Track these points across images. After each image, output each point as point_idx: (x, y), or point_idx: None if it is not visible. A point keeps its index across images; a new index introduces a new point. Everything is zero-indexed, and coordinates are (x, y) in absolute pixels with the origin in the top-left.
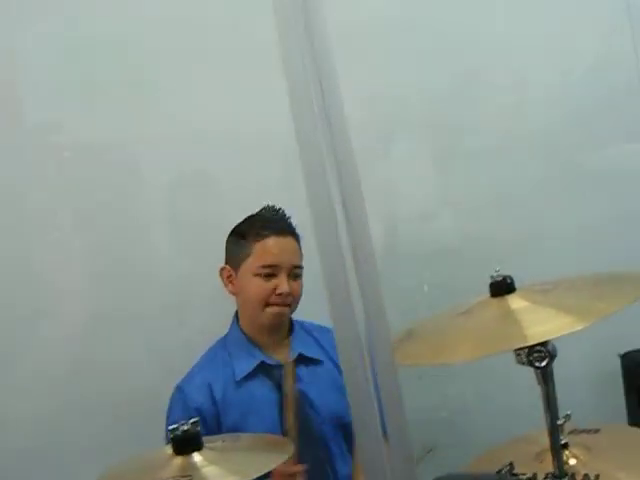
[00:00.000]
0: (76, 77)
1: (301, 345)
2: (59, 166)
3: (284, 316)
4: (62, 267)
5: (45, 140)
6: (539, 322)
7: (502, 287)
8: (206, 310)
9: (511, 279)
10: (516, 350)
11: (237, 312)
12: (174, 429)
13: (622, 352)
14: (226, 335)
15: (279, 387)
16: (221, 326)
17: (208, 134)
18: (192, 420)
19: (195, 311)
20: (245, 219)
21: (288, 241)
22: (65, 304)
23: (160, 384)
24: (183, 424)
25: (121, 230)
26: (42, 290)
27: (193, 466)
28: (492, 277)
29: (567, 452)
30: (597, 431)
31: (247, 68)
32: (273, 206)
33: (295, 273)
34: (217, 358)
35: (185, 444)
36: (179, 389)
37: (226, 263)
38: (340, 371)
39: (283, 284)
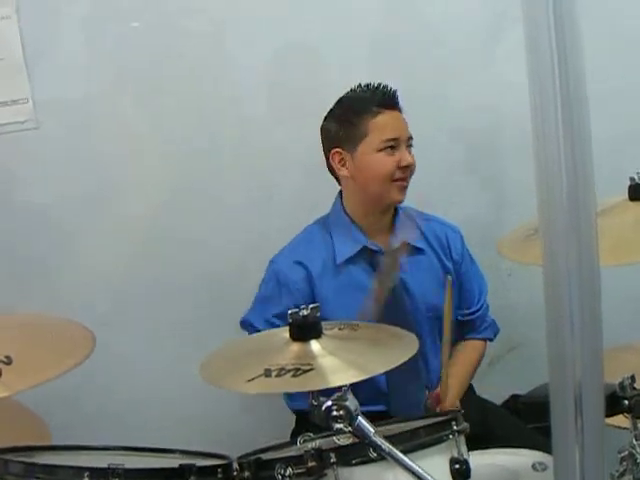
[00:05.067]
0: None
1: (405, 232)
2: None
3: (405, 191)
4: (143, 143)
5: None
6: None
7: None
8: (298, 186)
9: None
10: None
11: (341, 194)
12: (293, 313)
13: None
14: (327, 216)
15: None
16: (313, 203)
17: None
18: (312, 305)
19: (286, 186)
20: (343, 100)
21: (399, 115)
22: (146, 182)
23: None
24: (303, 309)
25: (212, 101)
26: (124, 166)
27: (311, 354)
28: (632, 179)
29: None
30: None
31: None
32: (369, 84)
33: (410, 144)
34: (315, 237)
35: (304, 330)
36: (272, 264)
37: (333, 147)
38: (442, 263)
39: (406, 156)
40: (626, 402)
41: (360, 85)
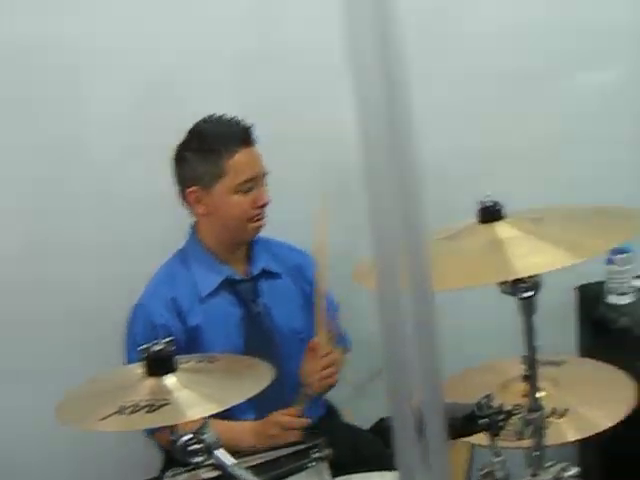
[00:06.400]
0: None
1: (263, 260)
2: None
3: (262, 227)
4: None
5: None
6: (528, 254)
7: (491, 213)
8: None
9: (500, 205)
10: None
11: (194, 226)
12: (146, 348)
13: (577, 285)
14: (182, 250)
15: (243, 302)
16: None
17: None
18: (166, 339)
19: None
20: (199, 135)
21: (255, 151)
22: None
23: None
24: (156, 343)
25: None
26: None
27: (166, 389)
28: (481, 202)
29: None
30: (562, 363)
31: None
32: (222, 116)
33: (265, 182)
34: (176, 274)
35: (158, 365)
36: (141, 306)
37: (189, 186)
38: (299, 287)
39: (263, 195)
40: (484, 421)
41: (213, 117)
